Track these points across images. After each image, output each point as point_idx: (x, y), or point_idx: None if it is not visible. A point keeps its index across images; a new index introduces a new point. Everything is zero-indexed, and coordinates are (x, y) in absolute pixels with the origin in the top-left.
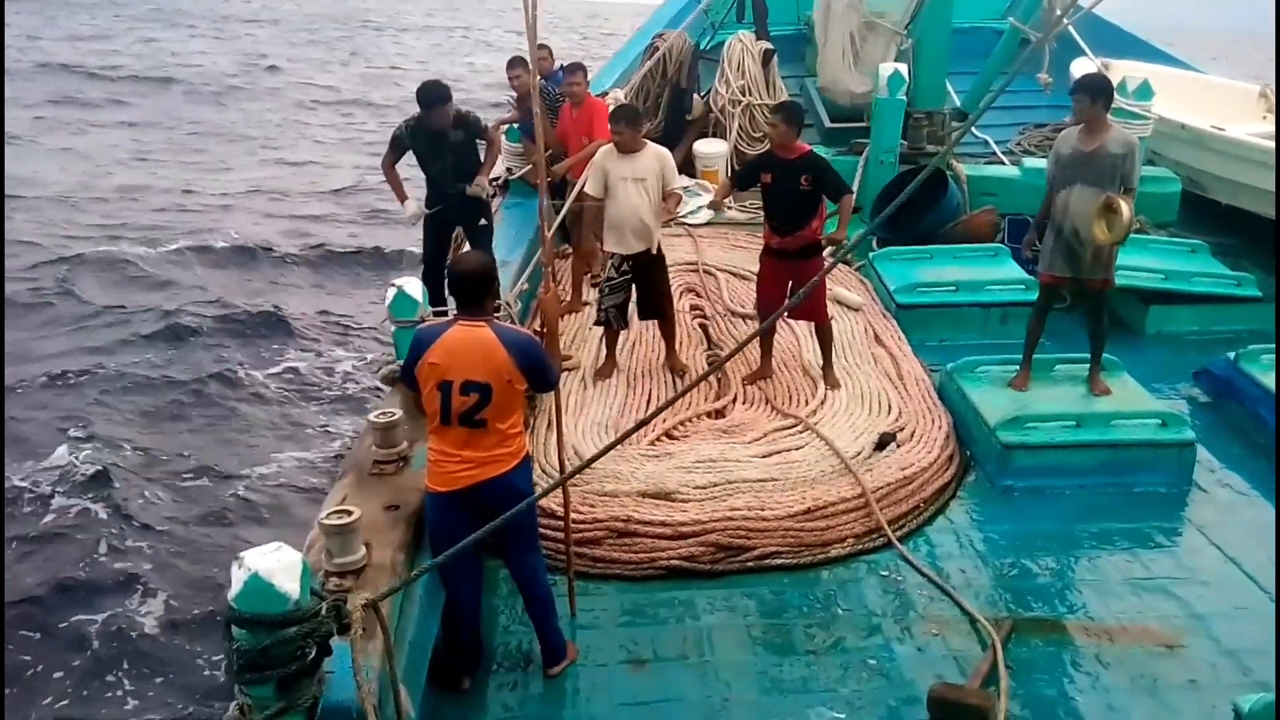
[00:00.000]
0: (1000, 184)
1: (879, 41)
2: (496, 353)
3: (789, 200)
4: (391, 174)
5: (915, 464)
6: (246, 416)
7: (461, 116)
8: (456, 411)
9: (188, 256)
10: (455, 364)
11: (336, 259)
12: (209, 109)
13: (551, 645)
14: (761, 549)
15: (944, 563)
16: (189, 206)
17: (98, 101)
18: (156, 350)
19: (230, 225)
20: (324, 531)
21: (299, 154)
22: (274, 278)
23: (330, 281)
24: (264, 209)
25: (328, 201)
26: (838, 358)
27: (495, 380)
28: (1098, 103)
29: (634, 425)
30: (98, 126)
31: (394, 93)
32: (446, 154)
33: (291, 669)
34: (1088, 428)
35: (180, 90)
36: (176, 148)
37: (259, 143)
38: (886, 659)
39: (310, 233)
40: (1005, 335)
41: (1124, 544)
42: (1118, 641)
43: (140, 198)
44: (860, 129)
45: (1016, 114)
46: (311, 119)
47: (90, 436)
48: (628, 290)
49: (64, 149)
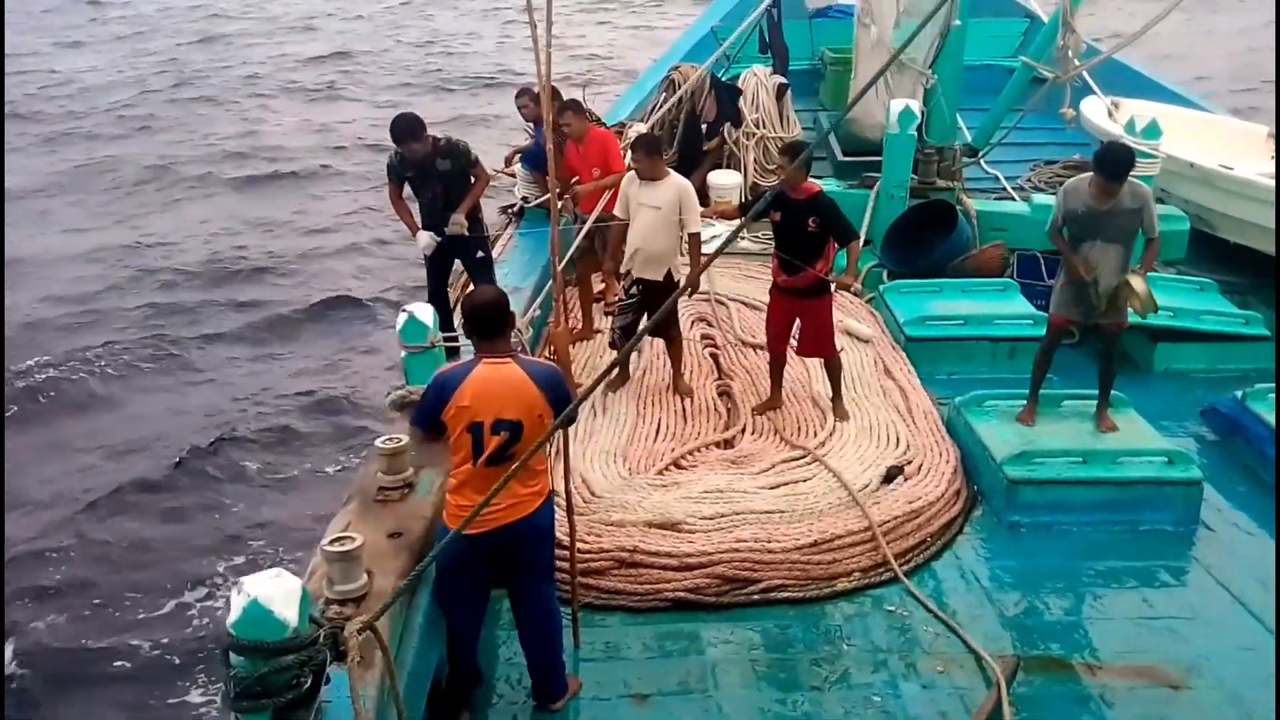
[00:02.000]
0: (1010, 219)
1: (906, 80)
2: (528, 389)
3: (796, 240)
4: (399, 205)
5: (923, 497)
6: (249, 440)
7: (449, 146)
8: (488, 453)
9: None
10: (487, 404)
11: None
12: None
13: (555, 681)
14: (768, 582)
15: (950, 598)
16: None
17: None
18: (159, 369)
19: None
20: (325, 558)
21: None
22: (274, 295)
23: (336, 304)
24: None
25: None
26: (847, 389)
27: (527, 417)
28: (1116, 182)
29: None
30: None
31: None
32: (435, 183)
33: (288, 697)
34: (1094, 464)
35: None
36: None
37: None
38: (891, 696)
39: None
40: (1014, 370)
41: (1130, 582)
42: (1123, 681)
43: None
44: (872, 163)
45: (1027, 150)
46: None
47: (85, 453)
48: (637, 313)
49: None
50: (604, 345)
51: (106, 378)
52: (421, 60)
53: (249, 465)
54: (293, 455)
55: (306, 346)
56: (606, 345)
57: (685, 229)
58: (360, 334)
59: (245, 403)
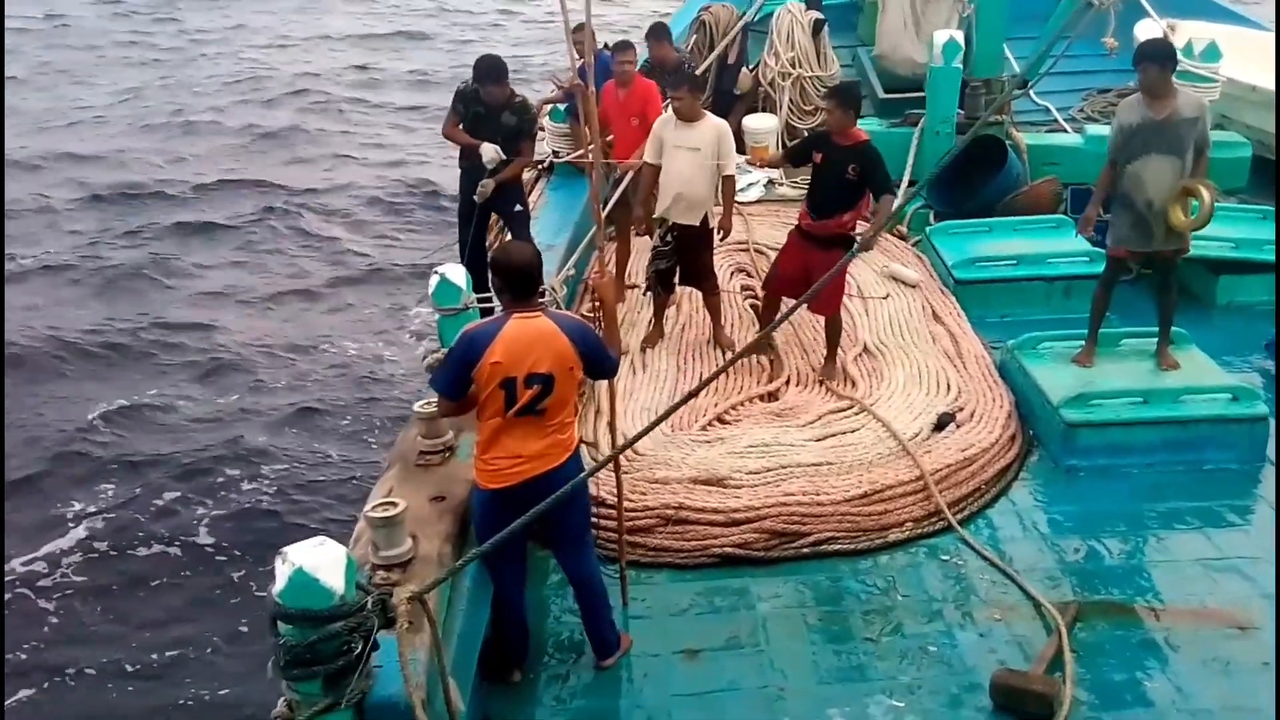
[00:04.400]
0: (1063, 153)
1: (940, 8)
2: (558, 341)
3: (832, 185)
4: (455, 134)
5: (976, 445)
6: (286, 409)
7: (522, 105)
8: (520, 405)
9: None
10: (520, 359)
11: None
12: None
13: (606, 636)
14: (817, 535)
15: (1006, 546)
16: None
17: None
18: (191, 342)
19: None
20: (370, 524)
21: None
22: (305, 266)
23: (369, 266)
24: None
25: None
26: (894, 335)
27: (559, 369)
28: (1166, 69)
29: (680, 399)
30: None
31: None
32: (494, 133)
33: (338, 664)
34: (1156, 404)
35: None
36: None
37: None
38: (947, 645)
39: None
40: (1069, 310)
41: (1194, 523)
42: (1188, 624)
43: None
44: (915, 100)
45: (1079, 79)
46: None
47: (111, 424)
48: (672, 259)
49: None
50: (635, 302)
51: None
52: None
53: (283, 435)
54: (329, 421)
55: (337, 311)
56: (641, 297)
57: (722, 171)
58: (391, 296)
59: (278, 372)
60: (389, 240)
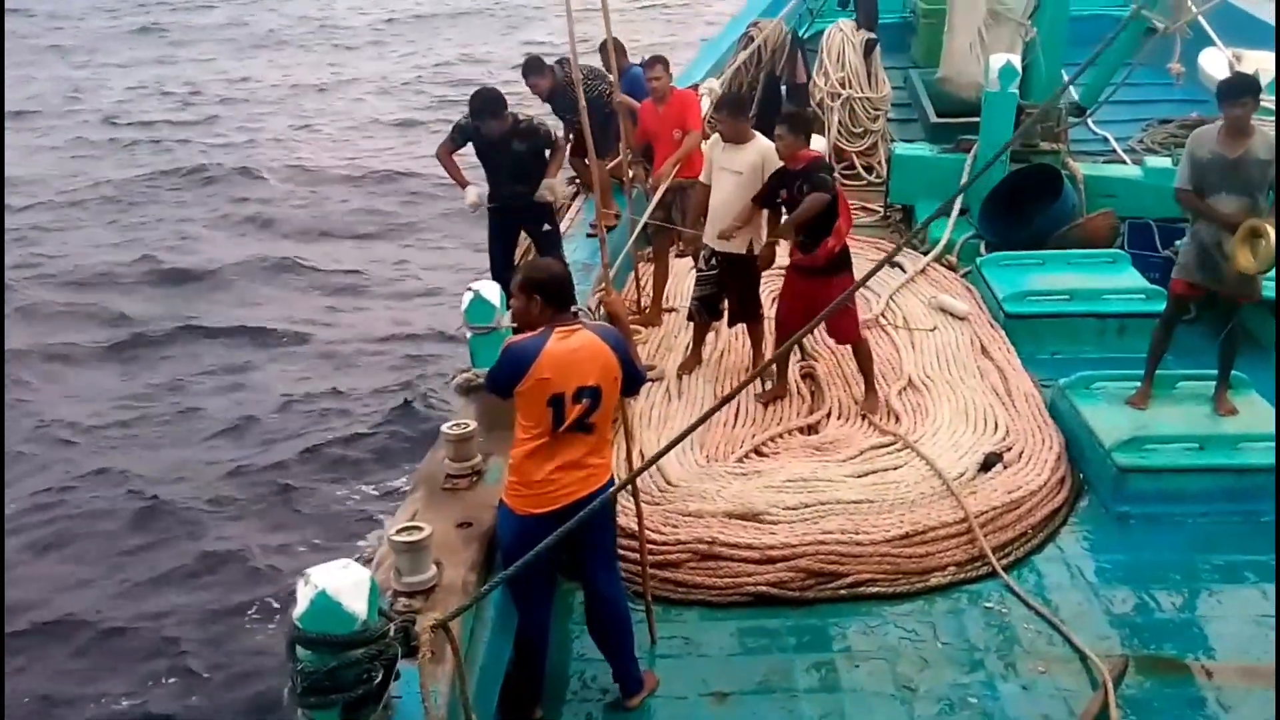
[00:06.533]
0: (1120, 185)
1: (1004, 33)
2: (603, 352)
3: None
4: (448, 161)
5: (1023, 487)
6: (310, 429)
7: (529, 129)
8: (570, 420)
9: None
10: (568, 374)
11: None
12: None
13: (630, 670)
14: (855, 576)
15: (1052, 594)
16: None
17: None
18: (212, 358)
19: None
20: (393, 549)
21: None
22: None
23: (396, 281)
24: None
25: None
26: (941, 370)
27: (605, 380)
28: (1254, 106)
29: (691, 425)
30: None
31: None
32: (506, 162)
33: (358, 693)
34: (1212, 450)
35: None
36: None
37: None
38: (989, 697)
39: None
40: (1124, 349)
41: (1249, 577)
42: (1240, 683)
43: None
44: (969, 125)
45: (1139, 109)
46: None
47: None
48: (715, 286)
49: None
50: (672, 325)
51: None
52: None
53: (306, 453)
54: (354, 441)
55: (364, 329)
56: (684, 321)
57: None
58: (420, 314)
59: (301, 385)
60: (414, 260)
